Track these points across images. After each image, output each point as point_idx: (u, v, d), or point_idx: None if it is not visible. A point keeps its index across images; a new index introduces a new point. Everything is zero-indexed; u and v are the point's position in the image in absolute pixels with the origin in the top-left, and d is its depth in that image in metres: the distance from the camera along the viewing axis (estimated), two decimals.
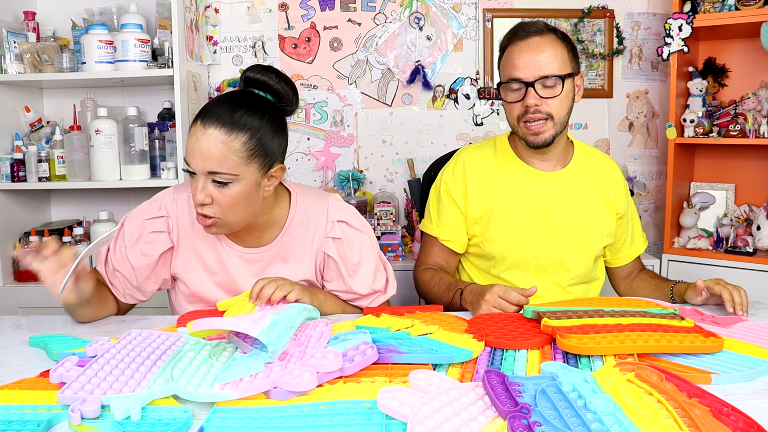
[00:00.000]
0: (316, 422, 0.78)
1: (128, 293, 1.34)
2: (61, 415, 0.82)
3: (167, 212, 1.31)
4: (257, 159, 1.18)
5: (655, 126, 2.73)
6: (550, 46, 1.38)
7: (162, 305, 2.25)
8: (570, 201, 1.50)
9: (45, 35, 2.42)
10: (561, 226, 1.50)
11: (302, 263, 1.34)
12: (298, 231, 1.33)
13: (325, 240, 1.32)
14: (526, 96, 1.38)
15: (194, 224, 1.31)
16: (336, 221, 1.33)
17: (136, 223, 1.32)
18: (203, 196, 1.16)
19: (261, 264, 1.33)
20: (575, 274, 1.52)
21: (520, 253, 1.50)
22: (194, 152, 1.14)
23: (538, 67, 1.37)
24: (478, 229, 1.52)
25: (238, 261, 1.33)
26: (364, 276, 1.34)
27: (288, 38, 2.65)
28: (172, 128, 2.39)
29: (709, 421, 0.75)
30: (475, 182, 1.52)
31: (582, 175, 1.52)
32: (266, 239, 1.33)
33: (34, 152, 2.29)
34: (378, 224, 2.47)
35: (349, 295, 1.36)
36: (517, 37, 1.41)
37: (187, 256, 1.32)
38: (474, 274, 1.59)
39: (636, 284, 1.60)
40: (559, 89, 1.39)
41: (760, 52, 2.37)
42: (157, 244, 1.31)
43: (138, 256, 1.30)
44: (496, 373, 0.86)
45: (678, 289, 1.44)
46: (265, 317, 0.99)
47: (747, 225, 2.39)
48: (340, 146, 2.69)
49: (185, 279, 1.34)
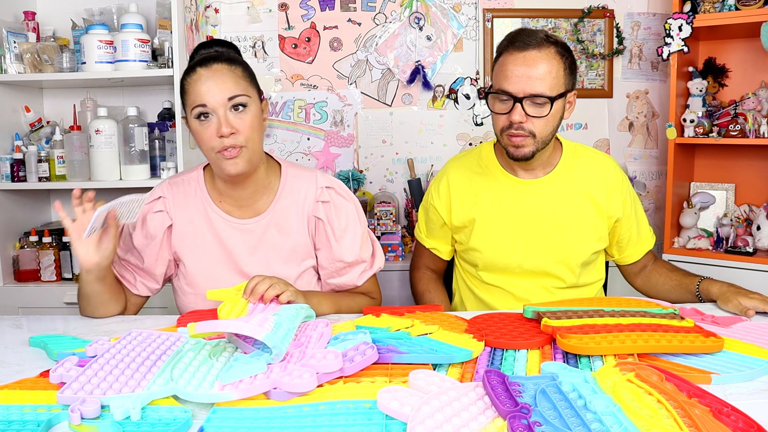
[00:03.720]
0: (316, 422, 0.78)
1: (140, 281, 1.39)
2: (61, 415, 0.82)
3: (163, 193, 1.39)
4: (254, 85, 1.32)
5: (655, 126, 2.73)
6: (546, 61, 1.33)
7: (162, 305, 2.26)
8: (552, 208, 1.48)
9: (45, 35, 2.42)
10: (542, 233, 1.48)
11: (296, 233, 1.38)
12: (289, 199, 1.39)
13: (315, 204, 1.38)
14: (513, 111, 1.34)
15: (190, 202, 1.38)
16: (324, 187, 1.39)
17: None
18: (227, 126, 1.23)
19: (256, 234, 1.37)
20: (561, 281, 1.51)
21: (503, 261, 1.50)
22: (209, 89, 1.23)
23: (529, 84, 1.32)
24: (462, 237, 1.55)
25: (234, 232, 1.37)
26: (350, 242, 1.39)
27: (288, 38, 2.65)
28: (172, 128, 2.39)
29: (709, 421, 0.75)
30: (458, 193, 1.54)
31: (567, 180, 1.49)
32: (260, 207, 1.38)
33: (34, 152, 2.29)
34: (378, 224, 2.47)
35: (336, 264, 1.39)
36: (514, 46, 1.35)
37: (184, 231, 1.38)
38: (467, 278, 1.61)
39: (655, 278, 1.57)
40: (546, 110, 1.34)
41: (760, 52, 2.37)
42: (158, 222, 1.37)
43: (143, 239, 1.37)
44: (496, 373, 0.86)
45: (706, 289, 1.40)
46: (268, 319, 0.99)
47: (747, 225, 2.39)
48: (340, 146, 2.69)
49: (184, 257, 1.38)
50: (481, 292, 1.57)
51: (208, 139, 1.25)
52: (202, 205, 1.38)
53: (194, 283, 1.38)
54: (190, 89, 1.26)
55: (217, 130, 1.23)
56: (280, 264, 1.37)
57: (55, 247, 2.34)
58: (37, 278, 2.34)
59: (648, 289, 1.58)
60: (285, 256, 1.38)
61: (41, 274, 2.34)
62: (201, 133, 1.26)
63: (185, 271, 1.39)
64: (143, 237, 1.37)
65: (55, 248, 2.34)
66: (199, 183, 1.40)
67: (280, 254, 1.38)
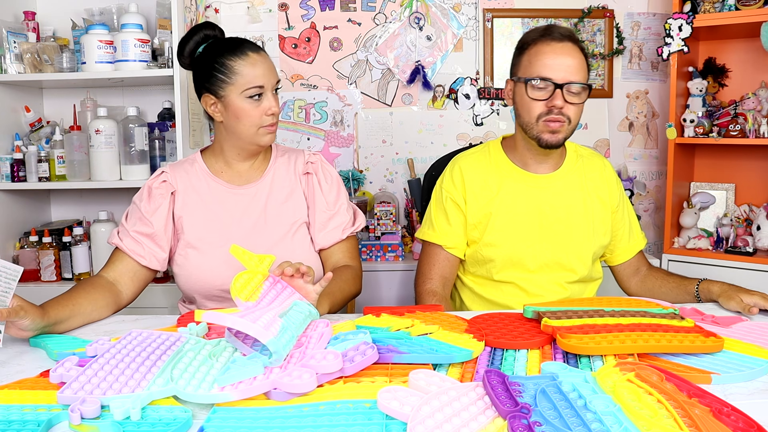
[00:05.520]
0: (316, 422, 0.78)
1: (149, 252, 1.42)
2: (61, 415, 0.82)
3: (165, 169, 1.49)
4: None
5: (655, 126, 2.73)
6: (579, 55, 1.42)
7: (162, 305, 2.26)
8: (565, 202, 1.51)
9: (45, 35, 2.42)
10: (558, 227, 1.50)
11: (295, 198, 1.49)
12: (282, 166, 1.52)
13: (306, 165, 1.53)
14: (553, 97, 1.39)
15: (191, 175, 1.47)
16: (311, 154, 1.56)
17: (143, 189, 1.46)
18: (276, 106, 1.40)
19: (256, 197, 1.47)
20: (574, 274, 1.53)
21: (518, 256, 1.50)
22: (265, 72, 1.38)
23: (570, 72, 1.39)
24: (476, 234, 1.53)
25: (234, 197, 1.47)
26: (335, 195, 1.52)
27: (288, 38, 2.65)
28: (172, 128, 2.39)
29: (709, 421, 0.75)
30: (473, 187, 1.53)
31: (575, 176, 1.54)
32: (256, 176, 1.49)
33: (34, 152, 2.29)
34: (378, 224, 2.47)
35: (323, 214, 1.49)
36: (550, 37, 1.42)
37: (186, 197, 1.46)
38: (473, 283, 1.58)
39: (651, 283, 1.58)
40: (584, 97, 1.41)
41: (760, 52, 2.37)
42: (163, 190, 1.45)
43: (152, 207, 1.44)
44: (496, 373, 0.86)
45: (706, 289, 1.41)
46: (275, 322, 0.99)
47: (747, 225, 2.39)
48: (340, 146, 2.69)
49: (186, 219, 1.44)
50: (489, 292, 1.55)
51: (258, 116, 1.38)
52: (203, 176, 1.48)
53: (197, 244, 1.43)
54: (245, 71, 1.36)
55: (269, 108, 1.38)
56: (276, 220, 1.46)
57: (55, 247, 2.34)
58: (37, 278, 2.34)
59: (644, 293, 1.58)
60: (280, 213, 1.48)
61: (41, 274, 2.34)
62: (251, 110, 1.37)
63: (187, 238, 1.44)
64: (150, 204, 1.44)
65: (55, 248, 2.34)
66: (197, 161, 1.50)
67: (277, 212, 1.47)
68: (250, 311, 1.00)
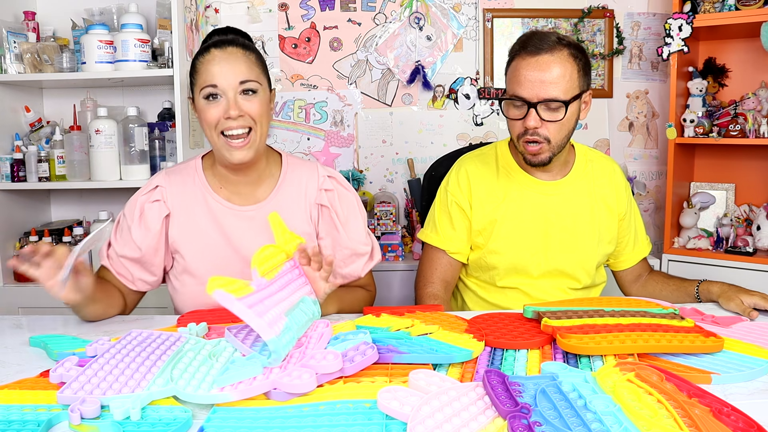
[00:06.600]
0: (316, 422, 0.78)
1: (137, 278, 1.35)
2: (61, 415, 0.82)
3: (160, 182, 1.36)
4: (265, 73, 1.32)
5: (655, 126, 2.73)
6: (559, 65, 1.31)
7: (162, 305, 2.25)
8: (571, 210, 1.49)
9: (45, 35, 2.42)
10: (563, 236, 1.48)
11: (299, 221, 1.36)
12: (291, 187, 1.38)
13: (319, 192, 1.39)
14: (527, 116, 1.33)
15: (188, 189, 1.35)
16: (326, 176, 1.41)
17: (134, 204, 1.35)
18: (235, 109, 1.23)
19: (258, 222, 1.34)
20: (578, 282, 1.52)
21: (522, 263, 1.49)
22: (222, 71, 1.23)
23: (543, 89, 1.31)
24: (481, 240, 1.51)
25: (234, 219, 1.34)
26: (354, 230, 1.39)
27: (288, 38, 2.65)
28: (172, 128, 2.39)
29: (709, 421, 0.75)
30: (479, 192, 1.50)
31: (583, 182, 1.51)
32: (260, 195, 1.36)
33: (34, 152, 2.29)
34: (378, 224, 2.47)
35: (343, 251, 1.38)
36: (526, 51, 1.33)
37: (181, 220, 1.35)
38: (476, 287, 1.57)
39: (651, 287, 1.57)
40: (561, 114, 1.33)
41: (760, 52, 2.37)
42: (155, 212, 1.34)
43: (142, 231, 1.33)
44: (496, 373, 0.86)
45: (706, 290, 1.40)
46: (280, 320, 0.98)
47: (747, 225, 2.39)
48: (340, 146, 2.69)
49: (182, 246, 1.35)
50: (492, 296, 1.54)
51: (213, 119, 1.24)
52: (201, 192, 1.36)
53: (194, 271, 1.35)
54: (202, 69, 1.25)
55: (225, 111, 1.23)
56: None
57: None
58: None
59: (644, 297, 1.57)
60: None
61: None
62: (206, 112, 1.25)
63: (184, 263, 1.35)
64: (141, 228, 1.33)
65: None
66: (197, 171, 1.38)
67: None
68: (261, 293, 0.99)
